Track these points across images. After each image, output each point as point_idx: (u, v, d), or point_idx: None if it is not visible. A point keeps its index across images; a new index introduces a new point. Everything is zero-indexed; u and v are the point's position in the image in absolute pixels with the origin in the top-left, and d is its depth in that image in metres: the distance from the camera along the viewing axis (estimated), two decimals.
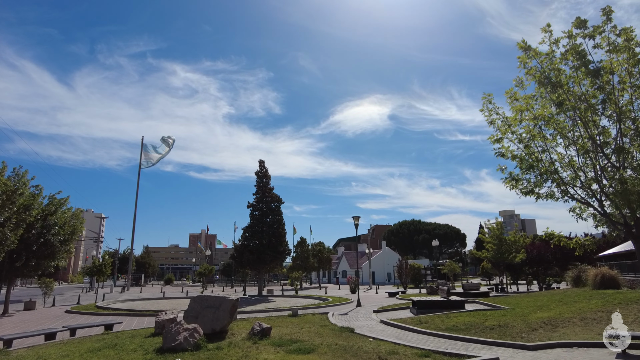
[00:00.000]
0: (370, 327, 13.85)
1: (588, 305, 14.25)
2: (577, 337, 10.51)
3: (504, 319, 13.39)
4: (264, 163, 40.04)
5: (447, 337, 11.33)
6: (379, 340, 10.90)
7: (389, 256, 70.53)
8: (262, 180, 39.62)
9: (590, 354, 9.19)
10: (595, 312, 13.10)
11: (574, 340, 10.15)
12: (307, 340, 10.66)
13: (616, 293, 16.07)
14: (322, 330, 12.67)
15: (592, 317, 12.54)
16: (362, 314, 18.69)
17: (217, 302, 11.12)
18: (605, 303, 14.14)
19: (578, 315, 12.94)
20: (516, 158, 8.86)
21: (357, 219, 24.76)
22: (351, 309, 21.19)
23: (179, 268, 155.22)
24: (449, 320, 13.88)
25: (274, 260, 38.62)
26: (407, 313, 17.75)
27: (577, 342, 9.97)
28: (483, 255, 33.52)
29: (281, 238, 38.38)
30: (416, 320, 14.37)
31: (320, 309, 21.08)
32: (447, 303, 16.79)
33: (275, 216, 38.94)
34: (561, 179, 8.62)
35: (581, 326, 11.71)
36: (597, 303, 14.51)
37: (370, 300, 28.09)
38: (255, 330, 10.62)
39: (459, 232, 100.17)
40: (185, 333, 9.15)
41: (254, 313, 19.68)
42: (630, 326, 10.95)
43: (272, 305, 25.44)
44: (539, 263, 33.81)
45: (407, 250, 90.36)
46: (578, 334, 10.78)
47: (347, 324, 14.44)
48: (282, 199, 39.82)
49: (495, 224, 31.60)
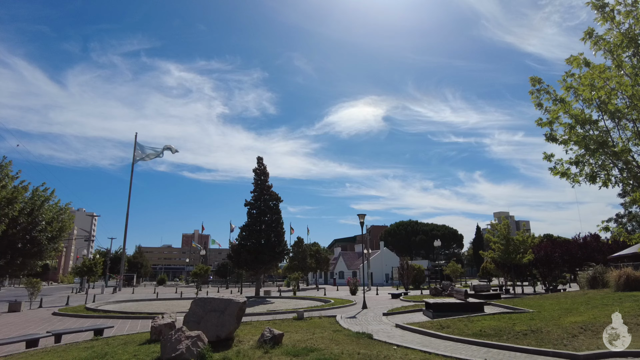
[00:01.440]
0: (387, 333, 12.66)
1: (622, 309, 13.15)
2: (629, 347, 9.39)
3: (533, 323, 12.26)
4: (262, 160, 38.75)
5: (478, 343, 10.16)
6: (404, 349, 9.71)
7: (387, 257, 69.48)
8: (261, 178, 38.30)
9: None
10: (635, 317, 12.01)
11: (626, 349, 9.02)
12: (325, 348, 9.44)
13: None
14: (336, 336, 11.45)
15: (634, 322, 11.44)
16: (372, 317, 17.50)
17: (222, 305, 9.86)
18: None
19: None
20: (571, 140, 7.66)
21: (362, 216, 23.58)
22: (357, 311, 19.99)
23: (172, 269, 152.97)
24: (473, 324, 12.73)
25: (273, 261, 37.35)
26: (421, 316, 16.58)
27: (631, 351, 8.86)
28: (489, 255, 32.50)
29: (280, 237, 37.08)
30: (436, 324, 13.20)
31: (325, 312, 19.83)
32: (464, 305, 15.65)
33: (273, 215, 37.63)
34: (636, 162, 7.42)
35: None
36: (632, 306, 13.44)
37: (373, 302, 26.90)
38: (265, 337, 9.37)
39: (456, 233, 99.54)
40: (188, 342, 7.89)
41: (255, 316, 18.40)
42: None
43: (273, 307, 24.17)
44: (546, 264, 32.83)
45: (404, 251, 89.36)
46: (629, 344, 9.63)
47: (360, 329, 13.23)
48: (281, 197, 38.52)
49: (503, 223, 30.59)
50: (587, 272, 22.44)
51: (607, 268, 22.47)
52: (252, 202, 37.84)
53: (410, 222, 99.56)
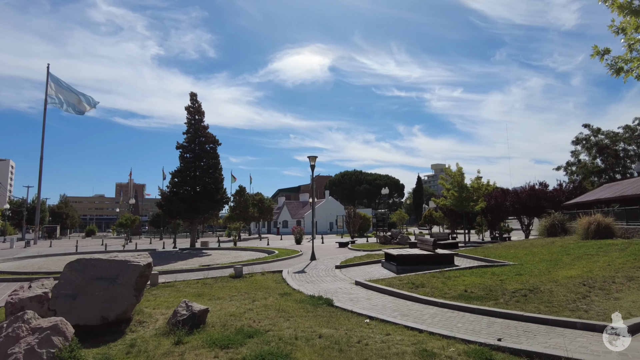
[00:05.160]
0: (348, 294, 10.02)
1: (613, 260, 11.48)
2: None
3: (524, 279, 10.15)
4: (196, 97, 33.92)
5: (473, 310, 7.74)
6: (381, 323, 7.03)
7: (332, 206, 68.19)
8: (195, 117, 33.67)
9: None
10: (634, 269, 10.24)
11: None
12: (269, 329, 6.51)
13: (627, 243, 13.63)
14: (285, 303, 8.58)
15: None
16: (323, 270, 14.95)
17: (113, 269, 6.50)
18: (636, 256, 11.43)
19: (616, 273, 9.99)
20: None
21: (313, 159, 20.56)
22: (306, 263, 17.41)
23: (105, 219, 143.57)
24: (452, 282, 10.42)
25: (210, 210, 33.71)
26: (381, 270, 14.26)
27: None
28: (441, 203, 31.14)
29: (218, 185, 33.32)
30: (406, 282, 10.77)
31: (268, 265, 17.06)
32: (434, 258, 13.43)
33: (210, 159, 33.55)
34: None
35: (639, 289, 8.69)
36: (620, 256, 11.81)
37: (321, 251, 24.60)
38: (180, 317, 6.22)
39: (398, 183, 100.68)
40: (33, 339, 4.55)
41: (183, 273, 15.17)
42: None
43: (208, 261, 21.05)
44: (497, 212, 32.23)
45: (348, 200, 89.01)
46: None
47: (315, 290, 10.50)
48: (219, 140, 34.34)
49: (457, 170, 29.03)
50: (547, 219, 21.37)
51: (564, 215, 21.54)
52: (185, 144, 33.36)
53: (355, 172, 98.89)
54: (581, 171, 39.71)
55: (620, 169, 38.65)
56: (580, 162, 40.63)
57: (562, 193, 30.25)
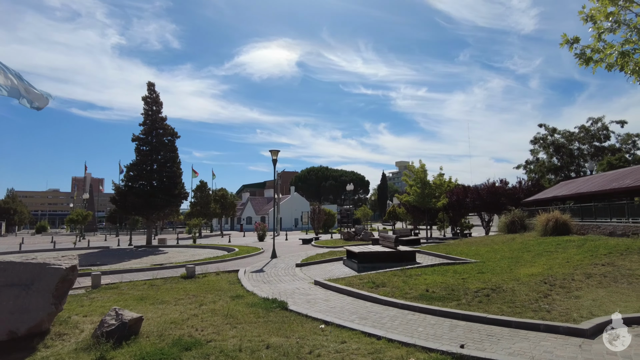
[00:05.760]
0: (306, 295, 9.44)
1: (571, 257, 11.47)
2: (617, 306, 7.22)
3: (486, 277, 9.90)
4: (154, 87, 32.29)
5: (434, 312, 7.33)
6: (337, 328, 6.48)
7: (297, 202, 67.50)
8: (152, 108, 32.05)
9: None
10: (591, 265, 10.23)
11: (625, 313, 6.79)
12: (212, 338, 5.82)
13: (583, 239, 13.77)
14: (235, 307, 7.88)
15: (597, 272, 9.58)
16: (283, 269, 14.32)
17: (26, 274, 5.59)
18: (592, 253, 11.46)
19: (575, 270, 9.92)
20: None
21: (275, 153, 19.77)
22: (266, 262, 16.72)
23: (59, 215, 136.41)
24: (413, 281, 10.04)
25: (168, 205, 32.28)
26: (342, 268, 13.78)
27: (632, 316, 6.63)
28: (404, 199, 31.16)
29: (176, 179, 31.93)
30: (367, 281, 10.31)
31: (226, 264, 16.25)
32: (395, 255, 13.07)
33: (168, 152, 32.08)
34: None
35: (597, 286, 8.59)
36: (578, 253, 11.84)
37: (284, 248, 23.97)
38: (106, 327, 5.41)
39: (364, 179, 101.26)
40: None
41: (131, 273, 14.11)
42: None
43: (162, 259, 19.96)
44: (458, 209, 32.61)
45: (314, 196, 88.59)
46: (616, 302, 7.49)
47: (270, 291, 9.85)
48: (177, 132, 32.90)
49: (420, 166, 29.09)
50: (507, 216, 21.61)
51: (523, 212, 21.86)
52: (141, 136, 31.73)
53: (321, 168, 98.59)
54: (539, 169, 41.00)
55: (574, 168, 40.21)
56: (538, 161, 41.95)
57: (521, 190, 30.93)
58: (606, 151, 39.24)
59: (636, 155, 37.75)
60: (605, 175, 22.11)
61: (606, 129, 39.52)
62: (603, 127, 39.56)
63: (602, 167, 34.74)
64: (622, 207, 15.34)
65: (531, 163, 42.49)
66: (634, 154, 38.06)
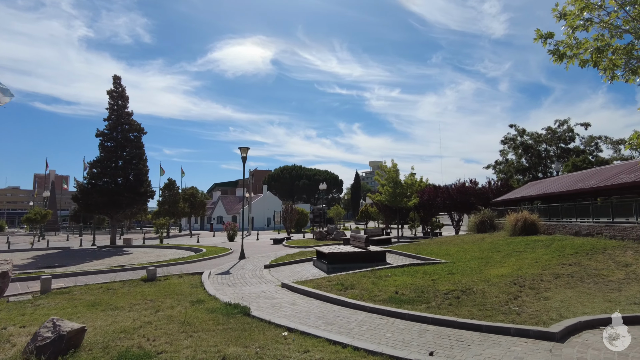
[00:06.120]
0: (271, 299, 9.01)
1: (540, 257, 11.50)
2: (585, 307, 7.16)
3: (456, 278, 9.74)
4: (120, 80, 31.00)
5: (404, 316, 7.06)
6: (301, 336, 6.09)
7: (270, 201, 66.74)
8: (118, 102, 30.78)
9: (634, 336, 5.83)
10: (559, 266, 10.24)
11: (592, 315, 6.70)
12: (165, 350, 5.32)
13: (551, 239, 13.92)
14: (193, 314, 7.37)
15: (565, 272, 9.58)
16: (250, 270, 13.82)
17: None
18: (559, 253, 11.53)
19: (543, 270, 9.90)
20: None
21: (245, 150, 19.19)
22: (233, 263, 16.17)
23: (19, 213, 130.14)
24: (383, 282, 9.77)
25: (133, 204, 31.13)
26: (312, 269, 13.40)
27: (599, 317, 6.54)
28: (376, 198, 31.12)
29: (142, 177, 30.78)
30: (336, 282, 9.97)
31: (191, 265, 15.62)
32: (365, 255, 12.80)
33: (134, 149, 30.89)
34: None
35: (565, 287, 8.55)
36: (546, 253, 11.89)
37: (254, 249, 23.41)
38: (40, 341, 4.83)
39: (337, 179, 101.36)
40: None
41: (88, 275, 13.29)
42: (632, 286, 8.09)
43: (125, 260, 19.06)
44: (429, 208, 32.84)
45: (288, 195, 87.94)
46: (584, 303, 7.42)
47: (233, 295, 9.38)
48: (144, 128, 31.74)
49: (392, 166, 29.07)
50: (476, 216, 21.80)
51: (492, 212, 22.11)
52: (106, 132, 30.41)
53: (295, 167, 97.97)
54: (508, 170, 41.88)
55: (542, 168, 41.28)
56: (507, 161, 42.84)
57: (490, 190, 31.43)
58: (571, 152, 40.47)
59: (599, 157, 39.08)
60: (572, 176, 22.62)
61: (571, 130, 40.75)
62: (568, 129, 40.78)
63: (568, 168, 35.73)
64: (587, 207, 15.62)
65: (500, 163, 43.37)
66: (596, 156, 39.39)
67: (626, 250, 10.98)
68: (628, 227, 12.50)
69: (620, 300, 7.49)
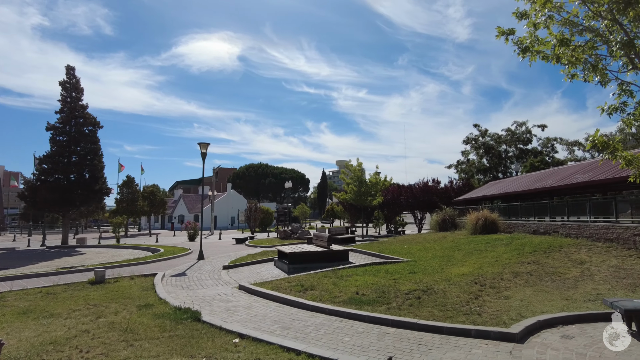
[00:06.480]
0: (226, 302, 8.53)
1: (500, 255, 11.57)
2: (543, 306, 7.13)
3: (417, 278, 9.60)
4: (74, 71, 29.36)
5: (364, 318, 6.78)
6: (253, 343, 5.69)
7: (234, 199, 65.45)
8: (71, 94, 29.13)
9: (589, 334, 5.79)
10: (519, 264, 10.31)
11: (551, 313, 6.67)
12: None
13: (510, 238, 14.12)
14: (139, 319, 6.82)
15: (524, 271, 9.63)
16: (208, 272, 13.24)
17: None
18: (519, 251, 11.64)
19: (503, 269, 9.93)
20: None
21: (205, 146, 18.48)
22: (191, 264, 15.51)
23: None
24: (344, 283, 9.49)
25: (87, 202, 29.62)
26: (273, 269, 12.97)
27: (557, 316, 6.51)
28: (342, 197, 31.00)
29: (97, 173, 29.28)
30: (296, 283, 9.61)
31: (145, 267, 14.85)
32: (328, 255, 12.50)
33: (89, 144, 29.34)
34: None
35: (525, 285, 8.56)
36: (506, 251, 12.00)
37: (214, 249, 22.70)
38: None
39: (304, 177, 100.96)
40: None
41: (29, 279, 12.29)
42: (595, 282, 8.19)
43: (76, 261, 17.94)
44: (392, 207, 33.06)
45: (253, 194, 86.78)
46: (542, 302, 7.41)
47: (186, 299, 8.84)
48: (100, 122, 30.20)
49: (358, 164, 29.03)
50: (438, 214, 22.02)
51: (454, 211, 22.40)
52: (58, 125, 28.73)
53: (261, 165, 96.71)
54: (469, 169, 42.97)
55: (502, 169, 42.62)
56: (469, 161, 43.95)
57: (452, 189, 31.98)
58: (529, 153, 41.96)
59: (555, 158, 40.73)
60: (530, 176, 23.26)
61: (529, 132, 42.27)
62: (527, 130, 42.27)
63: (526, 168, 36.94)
64: (545, 206, 15.99)
65: (462, 163, 44.42)
66: (552, 157, 41.03)
67: (580, 248, 11.23)
68: (582, 225, 12.83)
69: (577, 298, 7.53)
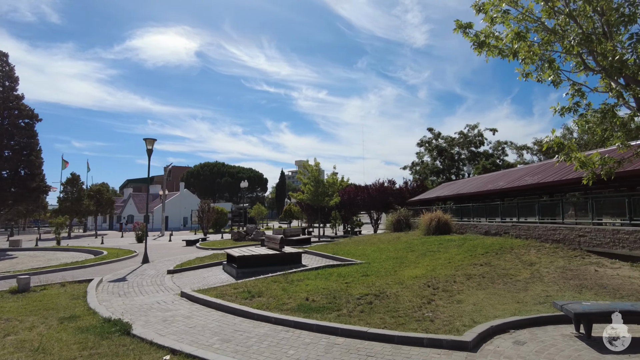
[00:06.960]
0: (165, 311, 7.80)
1: (453, 257, 11.52)
2: (496, 310, 6.98)
3: (370, 281, 9.28)
4: (7, 57, 27.02)
5: (311, 327, 6.32)
6: (186, 359, 5.07)
7: (187, 199, 63.23)
8: (4, 83, 26.81)
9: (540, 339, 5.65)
10: (471, 266, 10.25)
11: (503, 318, 6.49)
12: None
13: (463, 239, 14.20)
14: (57, 335, 5.99)
15: (477, 273, 9.55)
16: (151, 277, 12.33)
17: None
18: (471, 253, 11.64)
19: (456, 271, 9.82)
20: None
21: (151, 142, 17.45)
22: (134, 268, 14.47)
23: None
24: (294, 288, 9.00)
25: (22, 200, 27.38)
26: (221, 274, 12.28)
27: (509, 321, 6.35)
28: (299, 197, 30.52)
29: (34, 170, 27.14)
30: (243, 290, 9.00)
31: (83, 271, 13.67)
32: (279, 258, 11.96)
33: (25, 138, 27.12)
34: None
35: (477, 288, 8.44)
36: (458, 252, 11.97)
37: (162, 251, 21.53)
38: None
39: (262, 177, 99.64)
40: None
41: None
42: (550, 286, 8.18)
43: (4, 267, 16.31)
44: (349, 207, 33.00)
45: (208, 193, 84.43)
46: (495, 305, 7.26)
47: (121, 307, 8.02)
48: (38, 115, 28.00)
49: (315, 164, 28.66)
50: (393, 215, 22.06)
51: (409, 211, 22.52)
52: None
53: (217, 164, 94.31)
54: (424, 171, 43.86)
55: (455, 170, 43.81)
56: (423, 163, 44.86)
57: (407, 190, 32.37)
58: (481, 156, 43.39)
59: (505, 161, 42.37)
60: (482, 178, 23.81)
61: (481, 135, 43.72)
62: (479, 133, 43.69)
63: (478, 170, 38.07)
64: (496, 207, 16.28)
65: (417, 165, 45.25)
66: (503, 160, 42.63)
67: (530, 249, 11.37)
68: (531, 226, 13.07)
69: (527, 301, 7.46)
